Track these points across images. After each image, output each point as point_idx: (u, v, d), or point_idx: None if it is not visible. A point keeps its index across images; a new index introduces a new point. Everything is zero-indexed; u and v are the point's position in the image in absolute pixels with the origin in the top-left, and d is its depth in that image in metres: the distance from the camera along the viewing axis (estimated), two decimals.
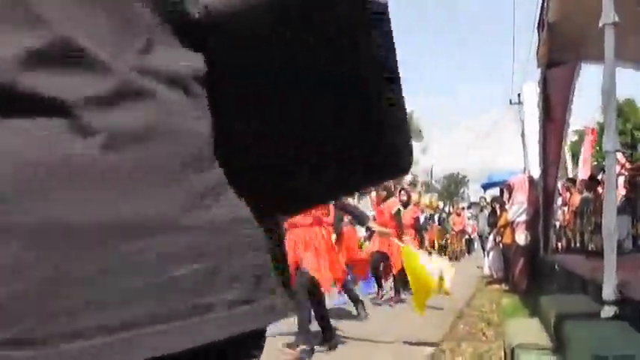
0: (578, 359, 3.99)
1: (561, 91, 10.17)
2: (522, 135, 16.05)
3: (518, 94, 19.38)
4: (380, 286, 11.73)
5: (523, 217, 11.45)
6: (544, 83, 10.74)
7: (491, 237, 14.79)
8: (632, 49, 7.83)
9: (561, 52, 9.45)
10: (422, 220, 17.14)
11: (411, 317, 9.48)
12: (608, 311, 4.90)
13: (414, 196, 16.44)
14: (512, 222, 11.77)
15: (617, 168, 13.69)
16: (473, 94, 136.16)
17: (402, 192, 12.56)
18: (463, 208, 30.73)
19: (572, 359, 4.34)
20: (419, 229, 13.38)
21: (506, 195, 13.61)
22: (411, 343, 7.30)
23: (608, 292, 4.91)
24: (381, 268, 11.54)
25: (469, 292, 12.58)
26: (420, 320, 9.06)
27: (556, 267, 9.56)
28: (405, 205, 12.23)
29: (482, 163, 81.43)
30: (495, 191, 18.80)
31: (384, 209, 11.43)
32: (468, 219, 25.99)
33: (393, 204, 11.42)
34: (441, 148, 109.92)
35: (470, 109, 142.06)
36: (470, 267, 19.80)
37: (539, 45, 9.90)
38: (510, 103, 27.30)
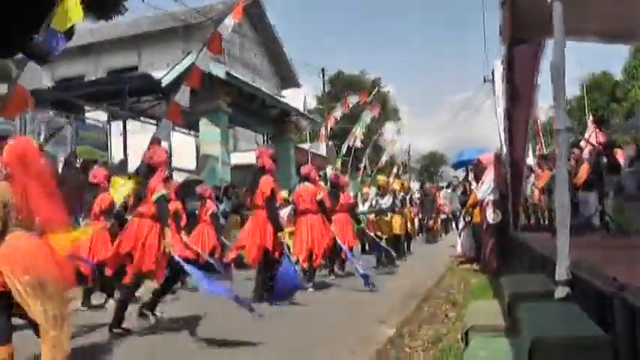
0: (523, 342, 3.88)
1: (527, 68, 10.04)
2: (495, 113, 15.98)
3: (492, 71, 19.24)
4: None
5: (492, 196, 11.36)
6: (508, 61, 10.62)
7: (462, 216, 14.76)
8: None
9: (525, 29, 9.29)
10: (397, 202, 17.09)
11: (375, 299, 9.45)
12: (560, 292, 4.81)
13: (382, 179, 16.46)
14: (482, 201, 11.69)
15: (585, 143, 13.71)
16: (450, 71, 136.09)
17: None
18: (440, 188, 30.73)
19: (519, 342, 4.25)
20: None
21: (471, 174, 13.55)
22: (372, 327, 7.19)
23: (561, 272, 4.81)
24: None
25: (440, 272, 12.55)
26: (384, 302, 9.05)
27: (522, 246, 9.50)
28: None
29: (461, 141, 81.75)
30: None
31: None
32: (444, 198, 25.97)
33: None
34: (419, 127, 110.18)
35: (448, 87, 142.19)
36: (444, 247, 19.82)
37: (502, 22, 9.76)
38: (484, 80, 27.12)
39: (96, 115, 20.75)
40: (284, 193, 16.39)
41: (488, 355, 4.52)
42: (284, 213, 16.45)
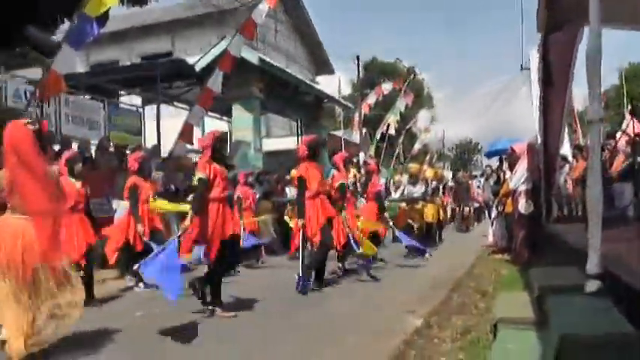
0: (552, 337, 3.81)
1: (563, 56, 9.87)
2: (532, 101, 15.76)
3: (529, 59, 18.96)
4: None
5: (525, 186, 11.21)
6: (544, 48, 10.46)
7: (494, 206, 14.59)
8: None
9: (561, 16, 9.15)
10: (429, 190, 17.02)
11: (403, 288, 9.39)
12: (591, 285, 4.73)
13: (414, 167, 16.34)
14: (515, 191, 11.53)
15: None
16: (487, 58, 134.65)
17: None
18: (474, 176, 30.45)
19: (547, 337, 4.17)
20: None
21: (505, 164, 13.38)
22: (400, 316, 7.14)
23: (592, 265, 4.74)
24: None
25: (470, 262, 12.44)
26: (413, 291, 8.99)
27: (554, 237, 9.38)
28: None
29: (496, 129, 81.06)
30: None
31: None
32: (477, 187, 25.72)
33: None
34: (454, 115, 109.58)
35: (484, 74, 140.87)
36: (476, 236, 19.65)
37: (538, 9, 9.61)
38: (521, 68, 26.76)
39: (130, 100, 20.87)
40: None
41: (516, 349, 4.46)
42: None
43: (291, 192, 15.92)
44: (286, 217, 14.88)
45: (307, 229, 9.35)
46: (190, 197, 10.83)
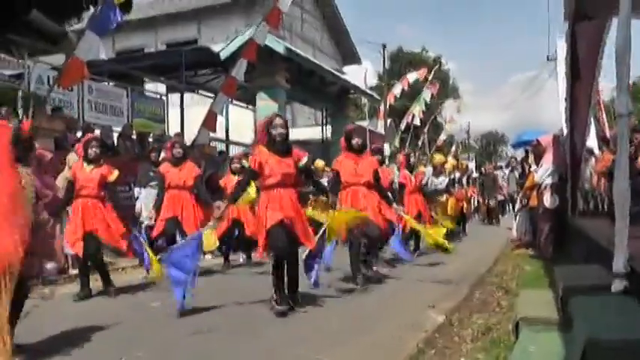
0: (577, 340, 3.66)
1: (590, 46, 9.67)
2: (558, 93, 15.52)
3: (555, 50, 18.70)
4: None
5: (550, 179, 11.02)
6: (572, 39, 10.26)
7: (518, 199, 14.37)
8: None
9: (590, 5, 8.94)
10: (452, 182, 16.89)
11: (425, 283, 9.25)
12: (618, 285, 4.57)
13: (438, 158, 16.09)
14: (540, 184, 11.32)
15: None
16: (514, 49, 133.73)
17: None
18: (499, 167, 30.14)
19: (571, 339, 4.03)
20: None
21: (531, 156, 13.16)
22: (421, 312, 7.01)
23: (618, 264, 4.58)
24: None
25: (494, 256, 12.26)
26: (434, 286, 8.84)
27: (579, 232, 9.20)
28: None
29: (523, 121, 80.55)
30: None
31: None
32: (502, 179, 25.43)
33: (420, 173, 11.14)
34: (481, 106, 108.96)
35: (511, 65, 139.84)
36: (501, 229, 19.45)
37: None
38: (547, 59, 26.44)
39: (155, 88, 20.87)
40: (320, 164, 16.42)
41: (538, 351, 4.31)
42: None
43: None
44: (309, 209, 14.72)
45: None
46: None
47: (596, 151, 15.57)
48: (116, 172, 8.61)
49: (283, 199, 6.94)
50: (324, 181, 15.80)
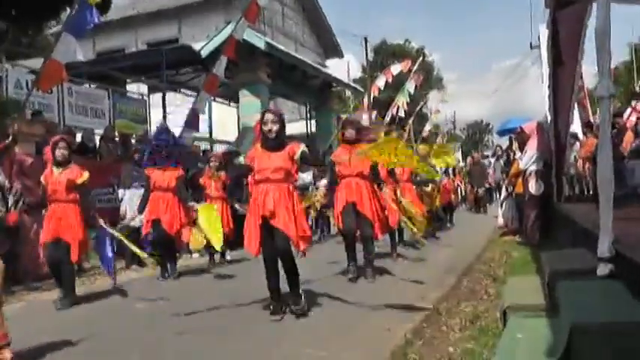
0: (563, 325, 3.63)
1: (572, 32, 9.65)
2: (542, 80, 15.52)
3: (538, 37, 18.72)
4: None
5: (535, 166, 11.01)
6: (553, 25, 10.25)
7: (504, 187, 14.38)
8: None
9: None
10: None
11: (413, 274, 9.22)
12: (603, 269, 4.55)
13: (423, 149, 16.02)
14: (525, 171, 11.32)
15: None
16: (497, 37, 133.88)
17: None
18: (485, 157, 30.17)
19: (558, 324, 4.00)
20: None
21: (515, 143, 13.17)
22: (409, 302, 6.97)
23: (603, 248, 4.56)
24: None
25: (482, 245, 12.26)
26: (423, 276, 8.80)
27: (565, 218, 9.19)
28: None
29: (508, 109, 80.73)
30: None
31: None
32: (489, 168, 25.46)
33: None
34: (466, 95, 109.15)
35: (495, 53, 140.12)
36: (487, 217, 19.46)
37: None
38: (531, 47, 26.44)
39: (137, 89, 20.77)
40: None
41: (526, 338, 4.28)
42: (322, 184, 16.31)
43: (302, 177, 15.65)
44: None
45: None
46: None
47: (581, 136, 15.59)
48: (86, 174, 8.37)
49: (269, 194, 6.82)
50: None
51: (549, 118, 11.24)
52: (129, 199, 12.22)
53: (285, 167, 6.79)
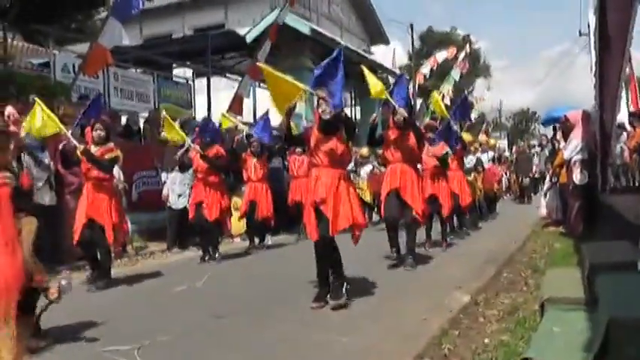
0: (601, 320, 3.55)
1: (620, 17, 9.43)
2: (590, 68, 15.21)
3: (588, 24, 18.39)
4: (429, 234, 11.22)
5: (580, 156, 10.80)
6: (601, 9, 10.03)
7: (548, 177, 14.14)
8: None
9: None
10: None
11: (452, 263, 9.14)
12: None
13: (466, 137, 15.84)
14: (569, 160, 11.11)
15: None
16: (545, 25, 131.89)
17: None
18: (528, 147, 29.80)
19: (596, 319, 3.91)
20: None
21: (560, 133, 12.93)
22: (448, 292, 6.91)
23: None
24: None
25: (524, 235, 12.10)
26: (462, 266, 8.73)
27: (609, 209, 9.02)
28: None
29: (556, 97, 79.54)
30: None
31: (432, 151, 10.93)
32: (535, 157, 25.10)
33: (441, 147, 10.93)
34: (513, 83, 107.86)
35: (543, 40, 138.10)
36: (532, 208, 19.21)
37: None
38: (579, 34, 26.03)
39: (183, 73, 20.88)
40: (364, 151, 16.23)
41: (562, 332, 4.20)
42: (364, 171, 16.30)
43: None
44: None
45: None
46: None
47: (627, 126, 15.26)
48: (116, 152, 8.38)
49: (320, 179, 6.73)
50: (368, 168, 15.83)
51: (596, 107, 11.02)
52: (171, 182, 12.35)
53: (337, 151, 6.66)
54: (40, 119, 8.25)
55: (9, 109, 9.64)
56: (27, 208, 5.25)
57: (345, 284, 6.62)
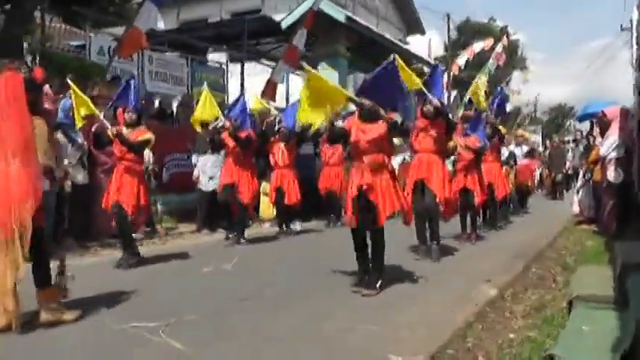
0: (631, 320, 3.49)
1: None
2: (632, 63, 14.96)
3: (630, 19, 18.10)
4: (464, 226, 11.10)
5: (615, 153, 10.62)
6: None
7: (582, 173, 13.95)
8: None
9: None
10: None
11: (481, 257, 9.06)
12: None
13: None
14: (604, 157, 10.93)
15: None
16: (583, 18, 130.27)
17: (487, 124, 11.91)
18: (563, 142, 29.51)
19: (626, 319, 3.85)
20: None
21: (596, 129, 12.73)
22: (475, 285, 6.84)
23: None
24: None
25: (556, 232, 11.97)
26: (490, 260, 8.65)
27: None
28: (490, 139, 11.62)
29: (594, 92, 78.54)
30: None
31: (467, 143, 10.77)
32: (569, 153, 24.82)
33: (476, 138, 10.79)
34: (551, 76, 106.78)
35: (583, 34, 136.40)
36: (564, 204, 19.01)
37: None
38: (621, 28, 25.61)
39: (218, 57, 20.91)
40: (395, 141, 16.14)
41: (591, 331, 4.13)
42: (396, 162, 16.21)
43: None
44: None
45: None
46: None
47: None
48: (147, 135, 8.42)
49: (362, 166, 6.68)
50: (400, 158, 15.77)
51: (636, 104, 10.84)
52: (202, 164, 12.43)
53: (380, 138, 6.59)
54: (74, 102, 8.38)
55: (46, 88, 9.77)
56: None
57: (380, 278, 6.59)
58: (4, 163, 4.66)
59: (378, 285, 6.52)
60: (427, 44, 37.50)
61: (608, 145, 10.84)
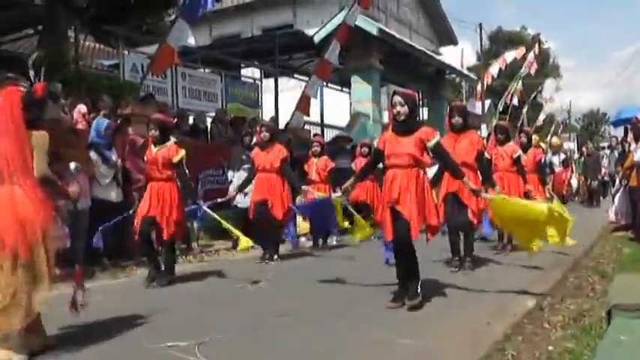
0: None
1: None
2: None
3: None
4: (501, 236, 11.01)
5: None
6: None
7: (617, 179, 13.81)
8: None
9: None
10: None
11: (517, 266, 9.01)
12: None
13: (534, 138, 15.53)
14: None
15: None
16: (616, 24, 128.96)
17: (522, 133, 11.82)
18: (598, 149, 29.26)
19: None
20: (541, 173, 12.61)
21: (631, 134, 12.58)
22: (512, 296, 6.83)
23: None
24: None
25: (592, 240, 11.85)
26: (527, 270, 8.60)
27: None
28: (525, 148, 11.46)
29: (628, 98, 77.71)
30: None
31: (501, 153, 10.68)
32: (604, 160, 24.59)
33: (513, 148, 10.68)
34: (583, 83, 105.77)
35: (616, 40, 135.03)
36: (600, 211, 18.81)
37: None
38: None
39: (251, 73, 21.07)
40: None
41: (630, 340, 4.11)
42: (430, 173, 16.14)
43: None
44: None
45: None
46: None
47: None
48: (182, 153, 8.28)
49: (396, 180, 6.66)
50: (435, 169, 15.62)
51: None
52: (237, 180, 12.45)
53: (414, 153, 6.47)
54: None
55: (81, 107, 9.93)
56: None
57: (419, 286, 6.53)
58: (7, 185, 4.65)
59: (419, 292, 6.47)
60: (460, 54, 37.33)
61: None
